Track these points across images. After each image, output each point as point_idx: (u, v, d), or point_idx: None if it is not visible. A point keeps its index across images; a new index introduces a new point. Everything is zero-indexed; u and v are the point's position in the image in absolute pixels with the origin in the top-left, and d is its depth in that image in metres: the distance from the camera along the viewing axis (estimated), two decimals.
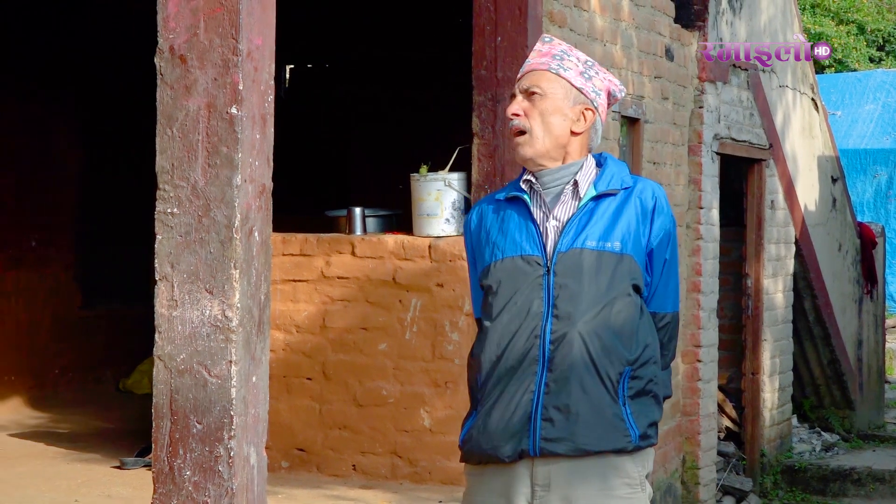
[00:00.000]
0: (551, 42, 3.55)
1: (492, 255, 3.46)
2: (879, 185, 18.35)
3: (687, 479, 8.95)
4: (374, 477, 6.75)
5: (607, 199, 3.43)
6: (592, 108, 3.49)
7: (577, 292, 3.35)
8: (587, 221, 3.41)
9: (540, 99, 3.45)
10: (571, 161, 3.47)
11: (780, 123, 10.47)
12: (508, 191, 3.53)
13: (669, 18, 8.41)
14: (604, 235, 3.39)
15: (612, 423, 3.33)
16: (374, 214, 7.13)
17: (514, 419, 3.33)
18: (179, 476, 3.75)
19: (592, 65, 3.54)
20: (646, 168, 8.00)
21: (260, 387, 3.85)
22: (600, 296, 3.35)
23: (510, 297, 3.39)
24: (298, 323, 6.89)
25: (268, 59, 3.85)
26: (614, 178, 3.47)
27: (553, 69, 3.47)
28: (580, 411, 3.31)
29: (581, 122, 3.47)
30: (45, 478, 6.79)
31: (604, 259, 3.37)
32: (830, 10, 24.80)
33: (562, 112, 3.45)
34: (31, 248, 9.67)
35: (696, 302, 8.87)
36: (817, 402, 11.89)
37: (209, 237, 3.73)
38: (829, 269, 11.46)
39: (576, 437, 3.31)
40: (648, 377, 3.41)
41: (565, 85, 3.47)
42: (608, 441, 3.33)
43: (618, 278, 3.37)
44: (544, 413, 3.32)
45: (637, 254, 3.41)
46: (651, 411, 3.43)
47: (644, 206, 3.44)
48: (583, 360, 3.32)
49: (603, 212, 3.42)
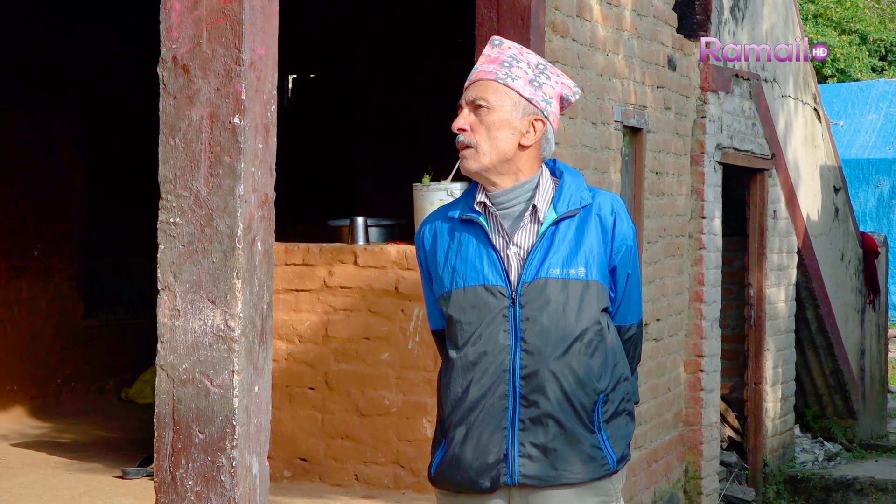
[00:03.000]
0: (501, 45, 3.41)
1: (452, 282, 3.36)
2: (882, 194, 18.36)
3: (689, 488, 8.94)
4: (376, 486, 6.75)
5: (567, 221, 3.33)
6: (542, 118, 3.35)
7: (546, 326, 3.26)
8: (549, 248, 3.31)
9: (487, 112, 3.33)
10: (525, 178, 3.35)
11: (783, 133, 10.48)
12: (462, 209, 3.41)
13: (672, 28, 8.42)
14: (567, 262, 3.30)
15: (590, 455, 3.29)
16: (377, 224, 7.13)
17: (489, 456, 3.29)
18: (182, 486, 3.75)
19: (544, 69, 3.39)
20: (648, 178, 8.01)
21: (262, 396, 3.85)
22: (570, 329, 3.27)
23: (475, 330, 3.31)
24: (301, 332, 6.89)
25: (270, 68, 3.85)
26: (573, 196, 3.35)
27: (500, 79, 3.34)
28: (558, 448, 3.27)
29: (531, 133, 3.34)
30: (48, 487, 6.78)
31: (570, 288, 3.28)
32: (833, 20, 24.81)
33: (510, 125, 3.33)
34: (34, 258, 9.68)
35: (699, 312, 8.86)
36: (820, 412, 11.87)
37: (212, 247, 3.73)
38: (831, 279, 11.46)
39: (556, 472, 3.28)
40: (621, 397, 3.36)
41: (513, 96, 3.34)
42: (588, 472, 3.30)
43: (586, 307, 3.29)
44: (521, 450, 3.28)
45: (602, 276, 3.33)
46: (626, 430, 3.38)
47: (604, 223, 3.34)
48: (556, 398, 3.26)
49: (564, 235, 3.32)
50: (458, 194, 6.66)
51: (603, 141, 7.29)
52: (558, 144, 6.63)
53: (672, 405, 8.65)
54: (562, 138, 6.71)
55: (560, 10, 6.68)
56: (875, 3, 25.78)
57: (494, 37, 3.47)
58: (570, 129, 6.84)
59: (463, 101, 3.38)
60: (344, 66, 11.53)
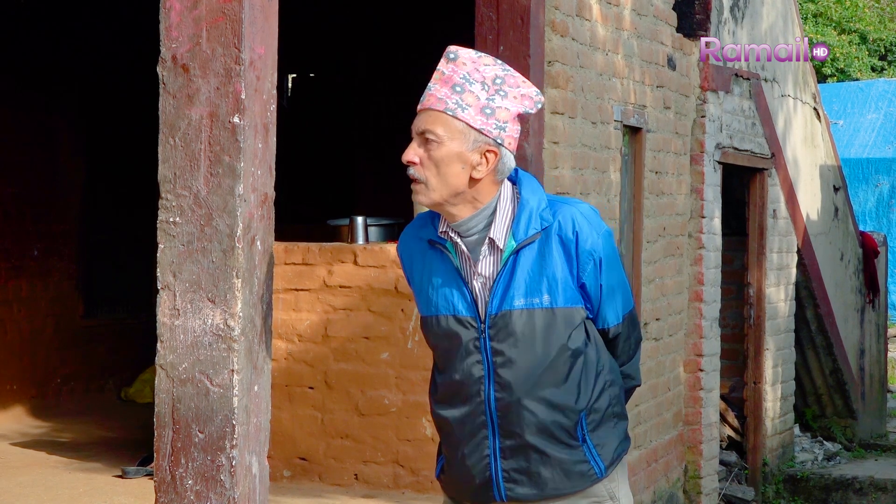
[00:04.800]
0: (456, 60, 3.22)
1: (426, 308, 3.31)
2: (881, 194, 18.36)
3: (689, 488, 8.94)
4: (376, 486, 6.75)
5: (528, 247, 3.21)
6: (494, 148, 3.18)
7: (514, 360, 3.20)
8: (511, 278, 3.21)
9: (436, 147, 3.20)
10: (483, 205, 3.22)
11: (782, 132, 10.48)
12: (429, 231, 3.33)
13: (671, 28, 8.42)
14: (530, 290, 3.20)
15: (576, 470, 3.27)
16: (377, 223, 7.13)
17: (476, 481, 3.30)
18: (181, 485, 3.75)
19: (502, 83, 3.21)
20: (648, 177, 8.00)
21: (262, 396, 3.84)
22: (538, 361, 3.20)
23: (452, 360, 3.28)
24: (300, 332, 6.89)
25: (270, 68, 3.85)
26: (532, 219, 3.21)
27: (450, 110, 3.17)
28: (541, 471, 3.25)
29: (482, 166, 3.18)
30: (47, 487, 6.78)
31: (535, 318, 3.20)
32: (832, 19, 24.82)
33: (460, 159, 3.18)
34: (33, 258, 9.67)
35: (699, 311, 8.87)
36: (819, 412, 11.87)
37: (211, 246, 3.73)
38: (831, 279, 11.46)
39: (542, 492, 3.27)
40: (607, 404, 3.31)
41: (462, 128, 3.17)
42: (575, 485, 3.28)
43: (554, 337, 3.21)
44: (506, 476, 3.27)
45: (570, 298, 3.22)
46: (615, 433, 3.33)
47: (566, 244, 3.22)
48: (533, 429, 3.23)
49: (525, 262, 3.21)
50: None
51: (602, 140, 7.28)
52: (557, 144, 6.64)
53: (672, 405, 8.65)
54: (561, 138, 6.71)
55: (560, 9, 6.68)
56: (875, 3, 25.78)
57: (450, 48, 3.27)
58: (569, 128, 6.84)
59: (413, 129, 3.25)
60: (344, 65, 11.53)
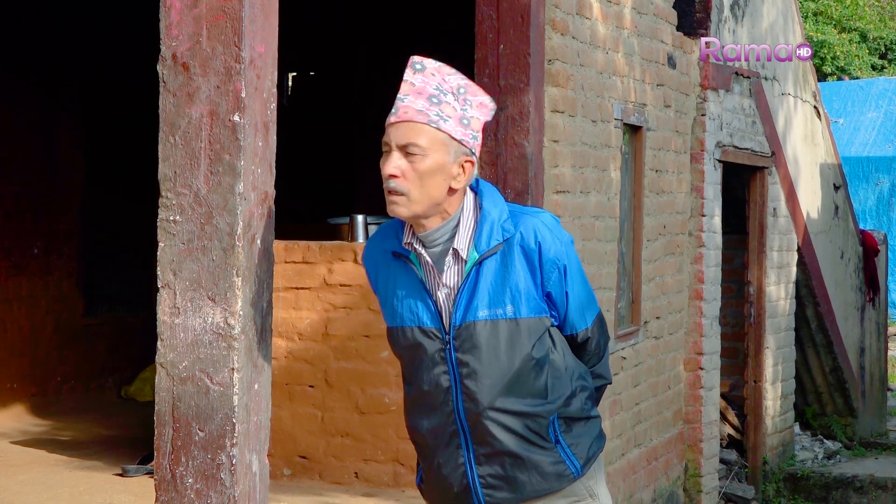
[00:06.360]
0: (423, 71, 3.25)
1: (392, 319, 3.32)
2: (882, 192, 18.36)
3: (689, 486, 8.94)
4: (376, 484, 6.75)
5: (491, 258, 3.22)
6: (472, 158, 3.22)
7: (479, 372, 3.21)
8: (474, 289, 3.22)
9: (420, 160, 3.17)
10: (450, 216, 3.24)
11: (782, 131, 10.48)
12: (392, 242, 3.33)
13: (672, 26, 8.42)
14: (493, 301, 3.21)
15: (552, 471, 3.29)
16: (377, 222, 7.13)
17: (454, 489, 3.31)
18: (181, 483, 3.75)
19: (465, 91, 3.24)
20: (648, 176, 8.00)
21: (262, 394, 3.85)
22: (503, 372, 3.21)
23: (419, 371, 3.29)
24: (301, 330, 6.89)
25: (270, 66, 3.85)
26: (493, 230, 3.22)
27: (433, 122, 3.17)
28: (517, 475, 3.27)
29: (461, 176, 3.21)
30: (47, 485, 6.78)
31: (499, 329, 3.21)
32: (833, 17, 24.82)
33: (443, 171, 3.18)
34: (33, 256, 9.68)
35: (699, 310, 8.87)
36: (819, 410, 11.88)
37: (211, 245, 3.73)
38: (831, 277, 11.46)
39: (519, 494, 3.28)
40: (579, 406, 3.32)
41: (445, 139, 3.18)
42: (552, 485, 3.30)
43: (518, 347, 3.22)
44: (483, 482, 3.28)
45: (533, 308, 3.23)
46: (589, 431, 3.35)
47: (529, 255, 3.23)
48: (504, 437, 3.25)
49: (488, 274, 3.22)
50: None
51: (602, 139, 7.28)
52: (557, 142, 6.64)
53: (672, 403, 8.65)
54: (562, 136, 6.71)
55: (560, 7, 6.68)
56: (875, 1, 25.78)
57: (414, 58, 3.29)
58: (569, 127, 6.84)
59: (392, 142, 3.20)
60: (344, 63, 11.54)
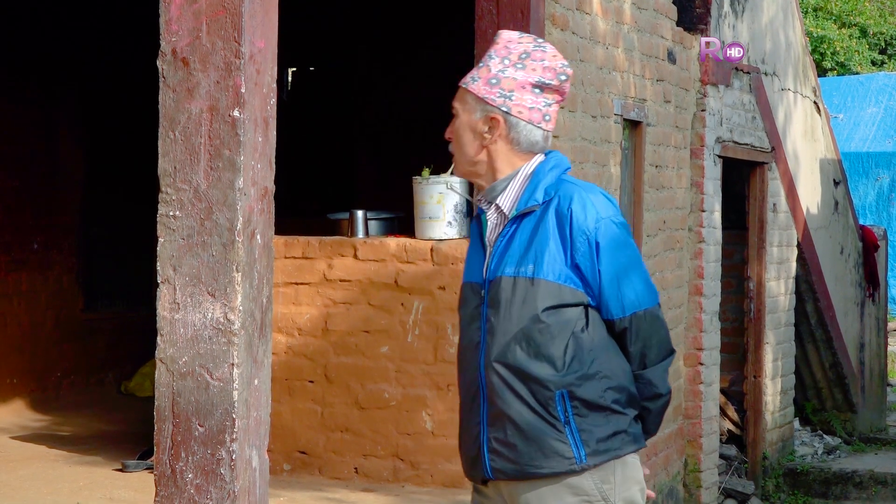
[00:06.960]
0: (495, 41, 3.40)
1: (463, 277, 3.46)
2: (881, 188, 18.35)
3: (689, 481, 8.95)
4: (375, 480, 6.75)
5: (527, 218, 3.30)
6: (497, 114, 3.30)
7: (496, 327, 3.29)
8: (507, 246, 3.30)
9: (456, 121, 3.38)
10: (502, 176, 3.35)
11: (782, 126, 10.48)
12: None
13: (671, 21, 8.42)
14: (520, 260, 3.27)
15: (551, 448, 3.27)
16: (377, 217, 7.13)
17: (472, 450, 3.36)
18: (181, 479, 3.75)
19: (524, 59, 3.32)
20: (648, 171, 8.01)
21: (262, 389, 3.85)
22: (509, 328, 3.26)
23: (463, 328, 3.40)
24: (300, 326, 6.89)
25: (270, 61, 3.85)
26: (536, 191, 3.30)
27: (465, 84, 3.37)
28: (517, 443, 3.28)
29: (489, 133, 3.32)
30: (47, 480, 6.79)
31: (518, 286, 3.27)
32: (833, 13, 24.80)
33: (471, 129, 3.35)
34: (33, 251, 9.68)
35: (699, 305, 8.87)
36: (819, 405, 11.88)
37: (211, 240, 3.74)
38: (831, 272, 11.46)
39: (518, 466, 3.29)
40: (599, 393, 3.29)
41: (471, 99, 3.35)
42: (549, 466, 3.28)
43: (527, 306, 3.25)
44: (489, 444, 3.31)
45: (557, 273, 3.25)
46: (607, 424, 3.31)
47: (561, 221, 3.27)
48: (507, 395, 3.27)
49: (523, 232, 3.30)
50: (458, 187, 6.70)
51: (602, 134, 7.28)
52: (557, 137, 6.63)
53: (671, 398, 8.65)
54: (561, 131, 6.71)
55: (560, 3, 6.68)
56: None
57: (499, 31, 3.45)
58: (569, 122, 6.84)
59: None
60: (344, 58, 11.52)
